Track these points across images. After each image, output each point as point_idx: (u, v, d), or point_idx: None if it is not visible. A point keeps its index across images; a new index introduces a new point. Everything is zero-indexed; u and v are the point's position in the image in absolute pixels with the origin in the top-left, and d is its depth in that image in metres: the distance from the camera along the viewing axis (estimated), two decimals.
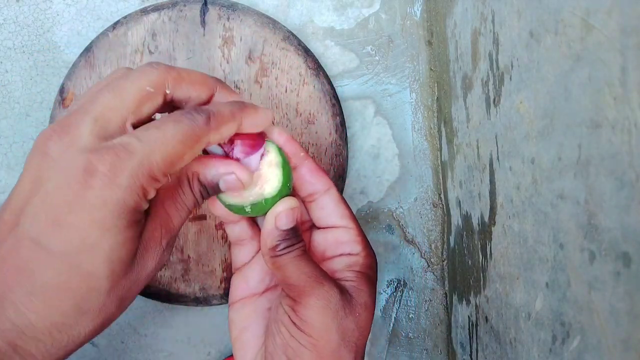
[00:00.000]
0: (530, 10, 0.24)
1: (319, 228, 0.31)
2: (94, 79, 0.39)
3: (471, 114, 0.34)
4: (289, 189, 0.28)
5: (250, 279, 0.31)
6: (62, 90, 0.39)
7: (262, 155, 0.27)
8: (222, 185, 0.26)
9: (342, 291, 0.27)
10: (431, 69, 0.43)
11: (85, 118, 0.22)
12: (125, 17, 0.39)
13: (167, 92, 0.24)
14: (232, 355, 0.41)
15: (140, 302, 0.42)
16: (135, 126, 0.24)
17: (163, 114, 0.26)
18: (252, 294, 0.31)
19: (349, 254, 0.30)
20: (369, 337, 0.41)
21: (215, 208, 0.29)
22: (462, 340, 0.39)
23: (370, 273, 0.30)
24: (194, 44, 0.39)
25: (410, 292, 0.44)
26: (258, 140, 0.27)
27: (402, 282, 0.43)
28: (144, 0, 0.42)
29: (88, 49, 0.39)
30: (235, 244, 0.32)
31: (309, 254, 0.28)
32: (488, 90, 0.30)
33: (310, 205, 0.30)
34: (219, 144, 0.27)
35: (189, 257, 0.39)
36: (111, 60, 0.39)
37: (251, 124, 0.26)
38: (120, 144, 0.22)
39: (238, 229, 0.31)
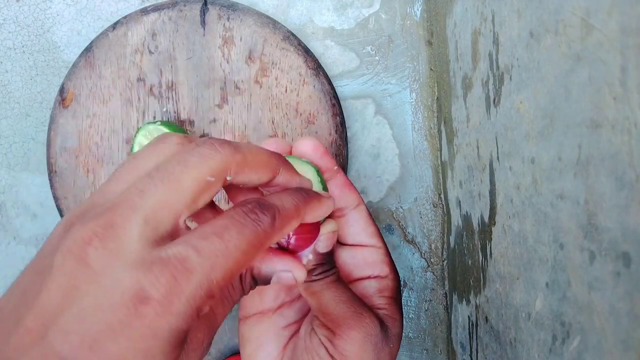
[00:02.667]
0: (530, 10, 0.24)
1: (343, 244, 0.30)
2: (94, 79, 0.39)
3: (471, 114, 0.34)
4: None
5: (266, 294, 0.30)
6: (62, 90, 0.39)
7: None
8: (274, 280, 0.24)
9: (381, 323, 0.27)
10: (431, 69, 0.43)
11: (133, 217, 0.19)
12: (125, 17, 0.39)
13: (228, 178, 0.21)
14: (231, 355, 0.42)
15: None
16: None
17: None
18: (266, 309, 0.30)
19: (378, 277, 0.29)
20: None
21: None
22: (462, 340, 0.39)
23: (398, 297, 0.29)
24: (194, 44, 0.39)
25: (410, 292, 0.43)
26: (315, 232, 0.26)
27: (402, 282, 0.43)
28: (144, 0, 0.42)
29: (88, 49, 0.39)
30: None
31: (342, 280, 0.27)
32: (488, 90, 0.30)
33: (339, 221, 0.29)
34: None
35: None
36: (111, 60, 0.39)
37: (313, 217, 0.24)
38: (177, 258, 0.19)
39: None
